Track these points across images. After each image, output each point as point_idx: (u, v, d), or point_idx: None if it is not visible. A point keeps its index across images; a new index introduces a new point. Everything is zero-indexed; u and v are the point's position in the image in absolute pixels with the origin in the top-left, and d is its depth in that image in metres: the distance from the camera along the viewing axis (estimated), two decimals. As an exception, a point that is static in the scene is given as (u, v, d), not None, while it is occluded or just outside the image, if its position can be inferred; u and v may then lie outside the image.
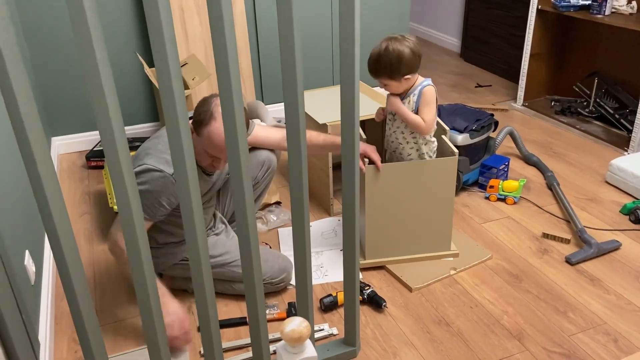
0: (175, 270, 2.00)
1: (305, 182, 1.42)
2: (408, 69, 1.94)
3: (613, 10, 3.12)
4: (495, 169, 2.67)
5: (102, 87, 1.07)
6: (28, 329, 1.53)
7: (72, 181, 2.92)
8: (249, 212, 1.36)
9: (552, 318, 1.91)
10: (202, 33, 3.05)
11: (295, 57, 1.26)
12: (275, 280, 2.00)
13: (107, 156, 1.15)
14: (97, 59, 1.05)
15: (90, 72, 1.06)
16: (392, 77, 1.95)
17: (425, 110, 1.99)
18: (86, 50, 1.04)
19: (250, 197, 1.35)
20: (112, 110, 1.11)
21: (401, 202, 2.06)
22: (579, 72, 3.59)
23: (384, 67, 1.93)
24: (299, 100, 1.31)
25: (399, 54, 1.90)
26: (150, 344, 1.40)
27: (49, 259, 2.16)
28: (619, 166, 2.68)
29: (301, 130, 1.35)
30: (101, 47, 1.05)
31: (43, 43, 2.96)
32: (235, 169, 1.30)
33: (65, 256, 1.19)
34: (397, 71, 1.93)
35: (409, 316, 1.94)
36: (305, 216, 1.45)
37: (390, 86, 1.99)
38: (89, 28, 1.02)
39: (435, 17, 5.19)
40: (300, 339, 1.31)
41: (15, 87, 1.01)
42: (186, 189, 1.26)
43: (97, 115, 1.10)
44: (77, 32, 1.03)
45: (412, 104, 2.02)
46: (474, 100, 3.85)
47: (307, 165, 1.49)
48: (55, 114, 3.14)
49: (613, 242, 2.26)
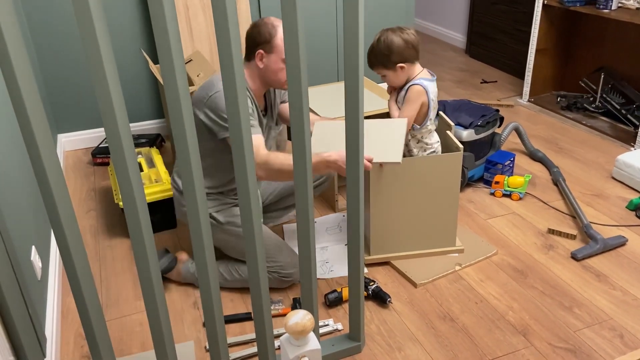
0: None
1: (309, 178, 1.42)
2: (401, 58, 1.98)
3: (619, 5, 3.10)
4: (501, 165, 2.66)
5: (107, 84, 1.08)
6: (35, 324, 1.55)
7: (78, 178, 2.94)
8: (255, 215, 1.36)
9: (558, 313, 1.91)
10: (207, 30, 3.06)
11: (300, 53, 1.26)
12: (284, 273, 1.99)
13: (113, 153, 1.16)
14: (103, 56, 1.05)
15: (95, 69, 1.07)
16: (386, 67, 2.01)
17: (404, 107, 2.04)
18: (92, 47, 1.05)
19: (255, 193, 1.35)
20: (117, 107, 1.11)
21: (406, 198, 2.06)
22: (585, 68, 3.57)
23: (376, 56, 2.00)
24: (303, 96, 1.31)
25: (389, 44, 1.96)
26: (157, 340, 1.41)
27: (55, 255, 2.18)
28: (625, 162, 2.66)
29: (305, 128, 1.35)
30: (107, 44, 1.06)
31: (49, 40, 2.97)
32: (241, 169, 1.31)
33: (72, 252, 1.20)
34: (389, 60, 1.98)
35: (413, 312, 1.94)
36: (309, 211, 1.46)
37: (388, 77, 2.04)
38: (94, 25, 1.03)
39: (440, 13, 5.17)
40: (303, 332, 1.31)
41: (21, 84, 1.02)
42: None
43: (103, 112, 1.11)
44: (82, 30, 1.03)
45: (400, 98, 2.08)
46: (480, 96, 3.84)
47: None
48: (61, 111, 3.16)
49: (619, 237, 2.25)
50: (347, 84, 1.40)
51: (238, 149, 1.29)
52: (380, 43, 1.97)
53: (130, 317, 1.97)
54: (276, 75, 1.87)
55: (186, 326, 1.91)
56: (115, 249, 2.34)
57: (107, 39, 1.06)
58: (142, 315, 1.96)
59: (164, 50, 1.12)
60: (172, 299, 2.04)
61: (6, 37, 0.98)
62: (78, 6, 1.01)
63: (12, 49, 0.99)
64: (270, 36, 1.82)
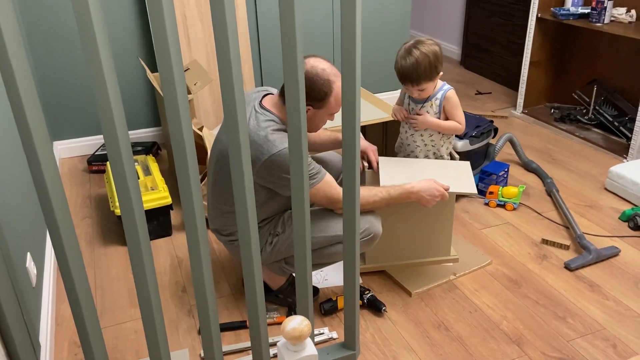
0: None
1: (306, 185, 1.43)
2: (441, 65, 2.00)
3: (612, 19, 3.15)
4: (495, 175, 2.68)
5: (107, 92, 1.09)
6: (29, 331, 1.54)
7: (74, 185, 2.94)
8: (252, 229, 1.37)
9: (551, 323, 1.92)
10: (204, 39, 3.08)
11: (297, 65, 1.27)
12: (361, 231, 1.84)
13: (111, 160, 1.17)
14: (103, 64, 1.06)
15: (96, 77, 1.08)
16: (432, 78, 1.99)
17: (456, 112, 2.09)
18: (92, 55, 1.06)
19: (252, 208, 1.36)
20: (117, 115, 1.12)
21: (401, 207, 2.07)
22: (578, 80, 3.61)
23: (425, 70, 1.95)
24: (300, 106, 1.33)
25: (435, 55, 1.95)
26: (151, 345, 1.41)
27: (50, 261, 2.17)
28: (618, 173, 2.69)
29: (302, 136, 1.37)
30: (107, 52, 1.07)
31: (45, 48, 2.98)
32: (237, 167, 1.32)
33: (68, 258, 1.20)
34: (436, 70, 1.98)
35: (408, 320, 1.95)
36: (306, 219, 1.47)
37: (427, 89, 2.02)
38: (95, 33, 1.04)
39: (435, 25, 5.22)
40: (301, 337, 1.33)
41: (21, 91, 1.03)
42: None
43: (102, 119, 1.12)
44: (84, 38, 1.05)
45: (435, 107, 2.08)
46: (474, 107, 3.87)
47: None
48: (57, 119, 3.16)
49: (612, 248, 2.27)
50: (345, 96, 1.41)
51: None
52: (426, 56, 1.93)
53: (125, 324, 1.96)
54: (316, 125, 1.84)
55: (181, 334, 1.91)
56: (110, 257, 2.34)
57: (107, 47, 1.07)
58: (137, 323, 1.96)
59: (163, 60, 1.13)
60: (167, 306, 2.04)
61: (7, 43, 0.99)
62: (80, 15, 1.03)
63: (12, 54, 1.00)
64: (325, 95, 1.74)
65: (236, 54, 1.20)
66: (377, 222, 1.87)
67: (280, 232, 1.83)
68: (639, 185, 2.58)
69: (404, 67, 1.95)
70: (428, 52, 1.93)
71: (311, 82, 1.70)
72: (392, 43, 3.67)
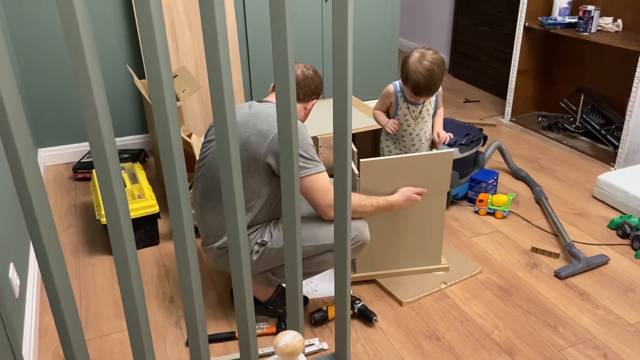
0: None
1: (297, 195, 1.41)
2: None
3: (599, 28, 3.18)
4: (485, 183, 2.68)
5: (94, 98, 1.06)
6: (12, 344, 1.50)
7: (59, 193, 2.89)
8: (241, 231, 1.34)
9: (542, 332, 1.91)
10: (192, 46, 3.05)
11: (289, 72, 1.26)
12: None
13: (97, 168, 1.14)
14: (90, 70, 1.04)
15: (82, 83, 1.05)
16: (440, 84, 2.12)
17: (441, 106, 2.35)
18: (79, 61, 1.03)
19: (242, 211, 1.34)
20: (103, 122, 1.09)
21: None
22: (565, 89, 3.64)
23: (439, 80, 2.07)
24: (291, 114, 1.31)
25: (442, 61, 2.07)
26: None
27: (34, 272, 2.12)
28: (606, 181, 2.70)
29: (293, 142, 1.35)
30: (94, 58, 1.05)
31: (30, 55, 2.94)
32: (228, 179, 1.30)
33: (52, 268, 1.17)
34: (443, 77, 2.10)
35: (399, 330, 1.93)
36: (297, 232, 1.44)
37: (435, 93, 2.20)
38: (82, 39, 1.01)
39: (424, 34, 5.25)
40: (294, 353, 1.30)
41: (4, 96, 1.00)
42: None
43: (88, 126, 1.09)
44: (70, 44, 1.02)
45: (432, 103, 2.26)
46: (463, 115, 3.89)
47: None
48: (42, 126, 3.11)
49: (601, 256, 2.27)
50: (336, 105, 1.40)
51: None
52: (438, 64, 2.03)
53: (110, 336, 1.92)
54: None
55: (168, 346, 1.87)
56: (95, 266, 2.29)
57: (94, 53, 1.05)
58: (123, 335, 1.92)
59: (152, 67, 1.11)
60: (154, 317, 2.00)
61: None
62: (65, 19, 1.00)
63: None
64: (323, 89, 1.99)
65: (226, 59, 1.18)
66: (365, 228, 1.86)
67: (267, 242, 1.81)
68: (627, 194, 2.59)
69: (421, 82, 2.04)
70: (437, 63, 2.04)
71: (310, 80, 1.90)
72: (382, 51, 3.67)
